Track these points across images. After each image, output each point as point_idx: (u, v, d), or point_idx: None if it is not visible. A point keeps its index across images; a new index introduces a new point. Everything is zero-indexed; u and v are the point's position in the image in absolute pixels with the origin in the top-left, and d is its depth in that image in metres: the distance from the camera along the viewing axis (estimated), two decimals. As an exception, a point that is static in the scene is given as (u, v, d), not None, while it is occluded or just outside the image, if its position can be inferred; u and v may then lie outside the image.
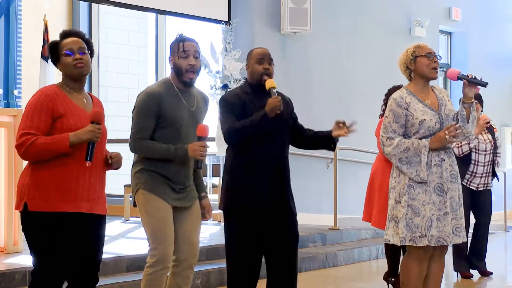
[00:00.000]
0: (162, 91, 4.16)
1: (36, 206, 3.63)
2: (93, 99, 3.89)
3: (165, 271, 4.15)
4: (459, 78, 4.51)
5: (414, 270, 4.54)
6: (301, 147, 4.72)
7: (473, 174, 6.76)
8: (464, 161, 6.70)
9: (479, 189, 6.80)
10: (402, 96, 4.52)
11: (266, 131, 4.35)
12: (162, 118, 4.13)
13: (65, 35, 3.82)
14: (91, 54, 3.85)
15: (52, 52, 3.83)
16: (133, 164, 4.29)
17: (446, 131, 4.41)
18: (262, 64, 4.46)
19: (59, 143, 3.63)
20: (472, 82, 4.48)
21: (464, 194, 6.61)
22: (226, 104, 4.44)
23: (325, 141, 4.57)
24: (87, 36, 3.91)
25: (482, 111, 6.77)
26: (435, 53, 4.57)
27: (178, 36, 4.27)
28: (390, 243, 4.58)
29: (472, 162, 6.76)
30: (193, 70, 4.19)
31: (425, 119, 4.46)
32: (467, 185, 6.72)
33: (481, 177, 6.79)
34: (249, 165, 4.40)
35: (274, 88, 4.36)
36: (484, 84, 4.50)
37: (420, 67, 4.54)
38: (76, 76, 3.78)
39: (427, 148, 4.42)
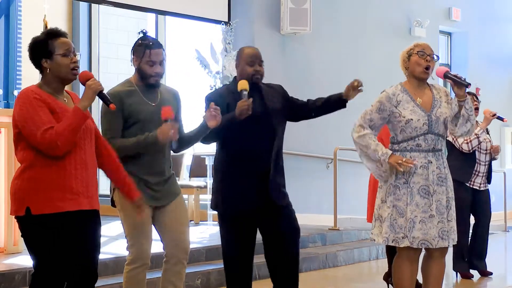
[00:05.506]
0: (121, 91, 4.22)
1: (39, 209, 3.54)
2: (71, 95, 3.80)
3: (144, 267, 4.21)
4: (446, 76, 4.41)
5: (405, 270, 4.52)
6: (315, 116, 4.72)
7: (476, 173, 6.76)
8: (467, 161, 6.68)
9: (481, 189, 6.81)
10: (395, 93, 4.49)
11: (246, 127, 4.28)
12: (126, 117, 4.17)
13: (54, 34, 3.68)
14: None
15: (39, 49, 3.65)
16: None
17: (404, 160, 4.34)
18: (253, 66, 4.41)
19: (77, 117, 3.55)
20: (456, 82, 4.36)
21: (466, 195, 6.65)
22: (209, 104, 4.42)
23: (338, 103, 4.60)
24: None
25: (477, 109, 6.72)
26: (431, 53, 4.50)
27: (142, 37, 4.25)
28: (375, 242, 4.59)
29: (477, 161, 6.76)
30: (158, 76, 4.26)
31: (411, 119, 4.41)
32: (471, 185, 6.73)
33: (482, 176, 6.80)
34: (233, 161, 4.40)
35: (246, 90, 4.29)
36: (467, 85, 4.38)
37: (412, 66, 4.49)
38: (70, 80, 3.70)
39: (386, 156, 4.37)
